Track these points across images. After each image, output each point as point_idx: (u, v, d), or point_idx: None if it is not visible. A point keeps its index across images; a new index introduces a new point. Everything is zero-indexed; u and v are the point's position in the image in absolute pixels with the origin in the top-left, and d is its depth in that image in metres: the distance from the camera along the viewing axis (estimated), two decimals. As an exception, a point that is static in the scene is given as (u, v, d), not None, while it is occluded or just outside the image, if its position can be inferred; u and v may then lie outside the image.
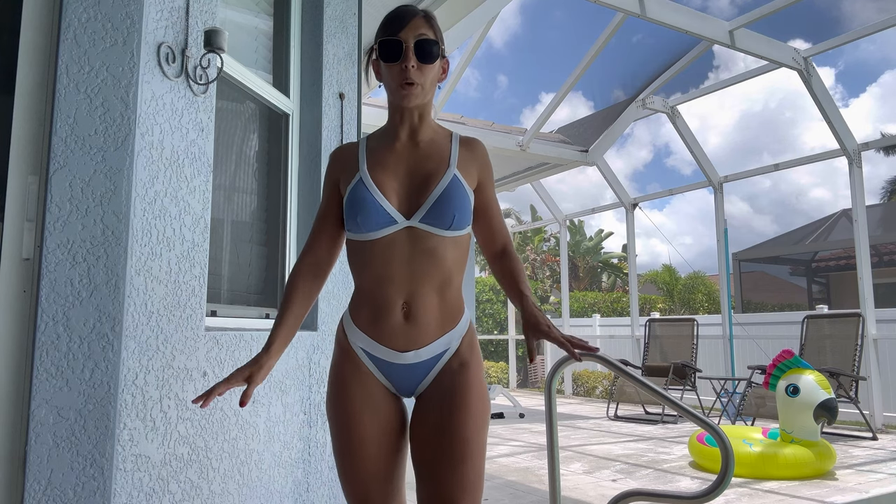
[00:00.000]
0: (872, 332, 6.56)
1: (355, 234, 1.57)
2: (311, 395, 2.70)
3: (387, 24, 1.59)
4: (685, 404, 1.82)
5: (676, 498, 1.84)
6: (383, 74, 1.60)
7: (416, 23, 1.57)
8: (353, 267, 1.61)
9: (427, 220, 1.54)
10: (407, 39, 1.55)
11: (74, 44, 1.88)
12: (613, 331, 10.91)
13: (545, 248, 20.74)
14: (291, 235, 2.86)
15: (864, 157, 6.94)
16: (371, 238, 1.55)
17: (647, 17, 5.64)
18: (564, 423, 7.11)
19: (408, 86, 1.55)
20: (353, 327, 1.59)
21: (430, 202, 1.55)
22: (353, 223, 1.56)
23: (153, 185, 1.94)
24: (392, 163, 1.60)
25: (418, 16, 1.58)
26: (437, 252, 1.55)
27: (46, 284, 1.79)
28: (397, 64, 1.55)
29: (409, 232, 1.54)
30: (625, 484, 4.17)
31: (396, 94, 1.58)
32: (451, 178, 1.58)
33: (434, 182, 1.58)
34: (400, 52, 1.54)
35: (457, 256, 1.58)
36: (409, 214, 1.54)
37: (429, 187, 1.57)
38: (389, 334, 1.55)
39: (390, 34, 1.56)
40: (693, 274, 16.80)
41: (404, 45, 1.55)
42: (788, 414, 4.51)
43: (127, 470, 1.79)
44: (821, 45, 6.64)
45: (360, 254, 1.57)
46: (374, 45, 1.60)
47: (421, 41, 1.55)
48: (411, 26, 1.56)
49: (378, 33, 1.60)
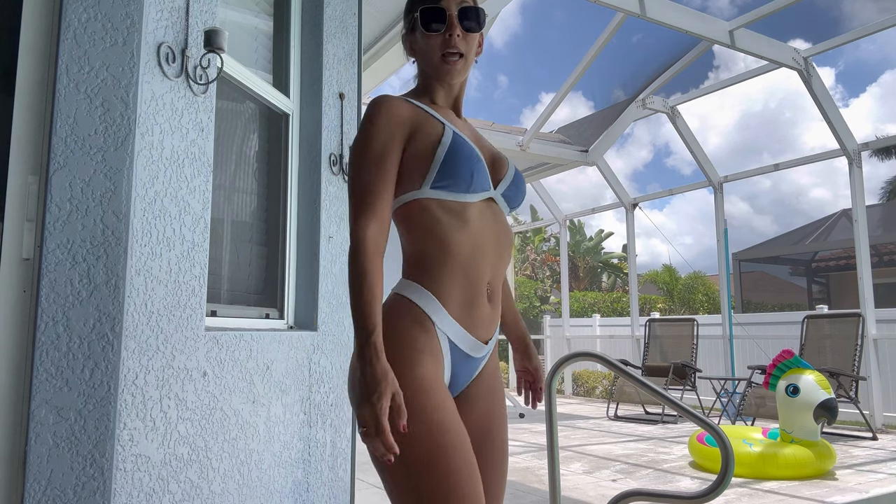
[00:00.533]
0: (872, 332, 6.56)
1: (454, 194, 1.35)
2: (311, 395, 2.70)
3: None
4: (685, 404, 1.82)
5: (676, 498, 1.84)
6: (421, 47, 1.47)
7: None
8: (438, 230, 1.34)
9: (507, 193, 1.46)
10: (450, 7, 1.43)
11: (74, 44, 1.88)
12: (613, 331, 10.91)
13: (545, 248, 20.75)
14: (291, 235, 2.86)
15: (864, 157, 6.94)
16: (472, 200, 1.37)
17: (647, 17, 5.64)
18: (564, 423, 7.11)
19: (452, 57, 1.43)
20: (443, 312, 1.33)
21: (511, 176, 1.47)
22: (460, 179, 1.34)
23: (153, 185, 1.94)
24: (462, 129, 1.48)
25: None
26: (510, 231, 1.47)
27: (46, 284, 1.79)
28: (440, 34, 1.42)
29: (489, 204, 1.42)
30: (625, 484, 4.17)
31: (440, 68, 1.45)
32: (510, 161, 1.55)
33: (504, 158, 1.52)
34: (444, 20, 1.42)
35: None
36: (494, 186, 1.44)
37: (504, 162, 1.50)
38: (479, 321, 1.38)
39: (433, 1, 1.43)
40: (693, 274, 16.82)
41: (448, 14, 1.42)
42: (788, 414, 4.51)
43: (127, 470, 1.79)
44: (821, 45, 6.65)
45: (457, 216, 1.35)
46: (414, 14, 1.47)
47: (465, 8, 1.44)
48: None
49: (414, 3, 1.48)
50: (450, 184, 1.35)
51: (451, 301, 1.34)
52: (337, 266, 2.93)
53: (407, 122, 1.38)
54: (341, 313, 2.95)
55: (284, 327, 2.76)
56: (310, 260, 2.83)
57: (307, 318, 2.80)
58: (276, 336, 2.50)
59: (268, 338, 2.44)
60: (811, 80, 6.73)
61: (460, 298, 1.35)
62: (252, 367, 2.33)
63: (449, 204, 1.35)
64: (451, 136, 1.38)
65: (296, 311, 2.83)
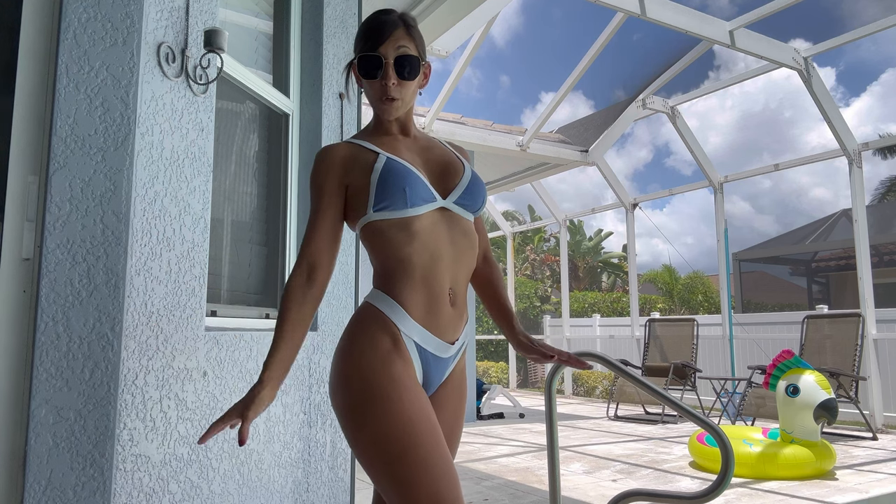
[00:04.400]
0: (872, 333, 6.56)
1: (395, 212, 1.45)
2: (311, 395, 2.70)
3: (366, 36, 1.54)
4: (685, 404, 1.82)
5: (676, 498, 1.85)
6: (364, 86, 1.58)
7: (396, 35, 1.52)
8: (390, 247, 1.46)
9: (461, 201, 1.55)
10: (387, 54, 1.51)
11: (74, 44, 1.88)
12: (613, 331, 10.91)
13: (545, 248, 20.75)
14: (291, 235, 2.86)
15: (864, 157, 6.94)
16: (415, 214, 1.46)
17: (647, 17, 5.64)
18: (564, 423, 7.11)
19: (388, 101, 1.54)
20: (406, 317, 1.44)
21: (465, 184, 1.56)
22: (396, 198, 1.45)
23: (153, 185, 1.94)
24: (403, 150, 1.57)
25: (399, 27, 1.53)
26: (470, 234, 1.57)
27: (46, 284, 1.79)
28: (377, 80, 1.52)
29: (442, 213, 1.51)
30: (625, 484, 4.17)
31: (379, 108, 1.57)
32: (467, 165, 1.62)
33: (458, 165, 1.59)
34: (380, 68, 1.51)
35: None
36: (444, 195, 1.53)
37: (457, 170, 1.58)
38: (443, 324, 1.48)
39: (370, 49, 1.52)
40: (693, 274, 16.81)
41: (384, 62, 1.51)
42: (788, 414, 4.51)
43: (127, 470, 1.79)
44: (821, 45, 6.65)
45: (404, 230, 1.45)
46: (354, 58, 1.57)
47: (401, 57, 1.52)
48: (392, 39, 1.52)
49: (357, 45, 1.57)
50: (389, 204, 1.46)
51: (414, 307, 1.45)
52: (337, 266, 2.93)
53: (339, 162, 1.52)
54: (341, 313, 2.95)
55: (284, 327, 2.75)
56: (310, 260, 2.83)
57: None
58: (276, 336, 2.50)
59: (268, 338, 2.44)
60: (811, 79, 6.73)
61: (423, 304, 1.45)
62: (252, 367, 2.33)
63: (394, 222, 1.46)
64: (383, 161, 1.49)
65: (296, 311, 2.82)
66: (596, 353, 1.95)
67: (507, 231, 12.21)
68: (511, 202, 41.23)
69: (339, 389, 1.41)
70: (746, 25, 6.11)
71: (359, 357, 1.40)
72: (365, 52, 1.53)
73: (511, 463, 4.89)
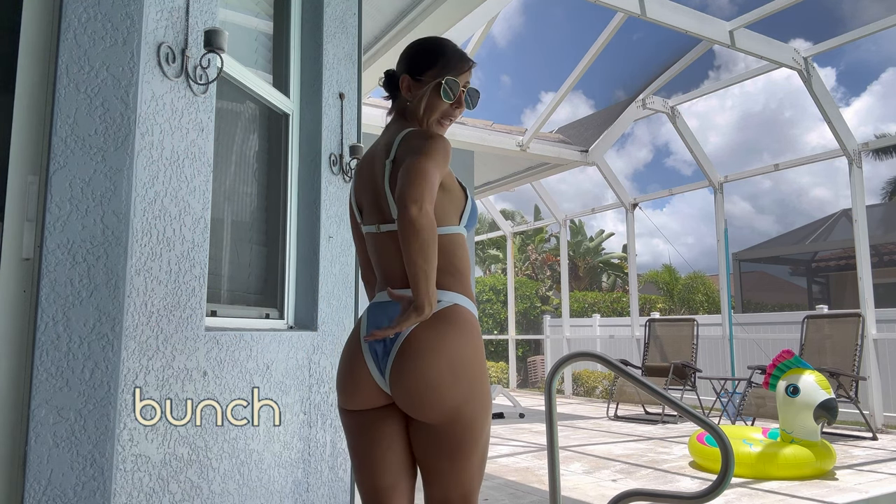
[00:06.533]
0: (872, 333, 6.56)
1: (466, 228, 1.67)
2: (311, 395, 2.70)
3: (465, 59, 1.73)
4: (685, 404, 1.82)
5: (676, 498, 1.85)
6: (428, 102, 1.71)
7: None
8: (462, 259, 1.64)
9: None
10: (465, 85, 1.74)
11: (74, 44, 1.88)
12: (613, 331, 10.90)
13: (546, 248, 20.75)
14: (291, 235, 2.86)
15: (865, 156, 6.94)
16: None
17: (647, 17, 5.64)
18: (564, 423, 7.11)
19: (446, 125, 1.76)
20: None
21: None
22: (472, 218, 1.68)
23: (153, 185, 1.94)
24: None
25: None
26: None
27: (46, 284, 1.79)
28: (452, 106, 1.72)
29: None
30: (625, 484, 4.17)
31: (440, 124, 1.74)
32: None
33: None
34: (460, 97, 1.72)
35: None
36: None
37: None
38: None
39: (463, 82, 1.72)
40: (693, 274, 16.80)
41: (460, 90, 1.72)
42: (788, 414, 4.51)
43: (127, 470, 1.79)
44: (821, 45, 6.64)
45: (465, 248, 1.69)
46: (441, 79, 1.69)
47: (471, 90, 1.76)
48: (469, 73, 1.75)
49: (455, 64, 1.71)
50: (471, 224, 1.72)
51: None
52: (337, 266, 2.93)
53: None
54: (341, 313, 2.95)
55: (284, 327, 2.76)
56: (310, 260, 2.83)
57: (307, 318, 2.80)
58: (276, 336, 2.50)
59: (268, 338, 2.44)
60: (811, 79, 6.72)
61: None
62: (252, 367, 2.33)
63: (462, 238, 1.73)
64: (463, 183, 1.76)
65: (296, 311, 2.83)
66: (596, 353, 1.95)
67: (507, 231, 12.21)
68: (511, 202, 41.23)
69: (479, 384, 1.56)
70: (746, 25, 6.11)
71: (483, 361, 1.61)
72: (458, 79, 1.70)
73: (511, 463, 4.89)
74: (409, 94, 1.72)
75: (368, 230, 1.70)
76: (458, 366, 1.53)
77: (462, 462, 1.56)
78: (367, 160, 1.75)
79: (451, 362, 1.52)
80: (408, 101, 1.72)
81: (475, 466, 1.60)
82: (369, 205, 1.70)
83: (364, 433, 1.62)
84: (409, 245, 1.41)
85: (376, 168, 1.69)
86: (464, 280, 1.62)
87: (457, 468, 1.56)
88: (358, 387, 1.60)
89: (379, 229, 1.66)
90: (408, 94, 1.72)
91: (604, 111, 8.84)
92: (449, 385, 1.50)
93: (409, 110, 1.73)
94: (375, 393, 1.58)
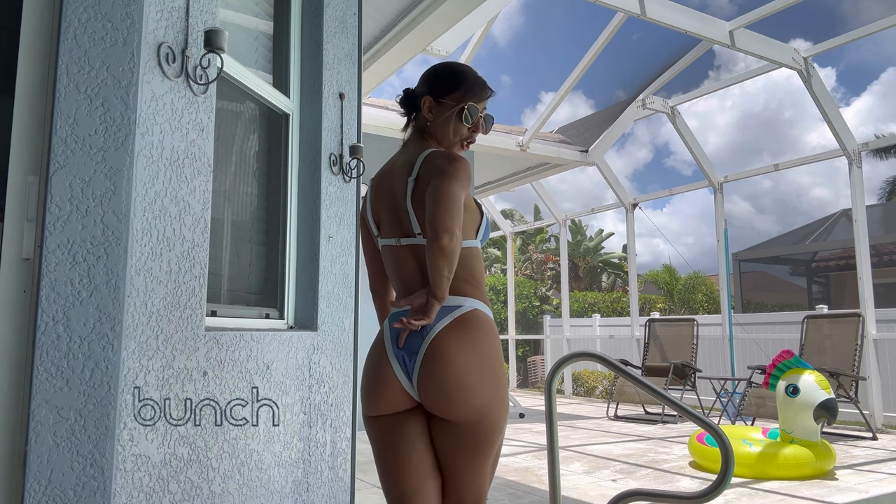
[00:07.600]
0: (872, 333, 6.56)
1: (480, 243, 1.78)
2: (311, 395, 2.70)
3: (482, 89, 1.82)
4: (685, 404, 1.82)
5: (676, 498, 1.85)
6: (452, 126, 1.80)
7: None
8: (479, 269, 1.75)
9: None
10: (482, 111, 1.84)
11: (74, 44, 1.88)
12: (613, 331, 10.91)
13: (546, 248, 20.75)
14: (291, 235, 2.85)
15: (864, 156, 6.94)
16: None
17: (647, 17, 5.64)
18: (564, 423, 7.11)
19: (467, 145, 1.86)
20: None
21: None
22: (486, 233, 1.80)
23: (153, 185, 1.94)
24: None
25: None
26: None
27: (46, 284, 1.79)
28: (469, 130, 1.82)
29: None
30: (625, 484, 4.17)
31: (461, 146, 1.86)
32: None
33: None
34: (478, 122, 1.83)
35: None
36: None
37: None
38: None
39: (482, 108, 1.82)
40: (693, 274, 16.80)
41: (479, 115, 1.82)
42: (788, 414, 4.51)
43: (127, 470, 1.79)
44: (821, 46, 6.64)
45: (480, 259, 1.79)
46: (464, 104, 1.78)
47: (486, 115, 1.87)
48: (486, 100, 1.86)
49: (476, 90, 1.81)
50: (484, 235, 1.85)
51: None
52: (337, 266, 2.93)
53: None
54: (341, 313, 2.95)
55: (284, 327, 2.76)
56: (310, 260, 2.83)
57: (307, 318, 2.80)
58: (276, 336, 2.50)
59: (268, 338, 2.44)
60: (811, 80, 6.72)
61: None
62: (252, 367, 2.33)
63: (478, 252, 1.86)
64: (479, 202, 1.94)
65: (296, 311, 2.83)
66: (596, 353, 1.95)
67: (507, 231, 12.21)
68: (512, 202, 41.21)
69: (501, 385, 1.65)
70: (746, 25, 6.11)
71: (502, 362, 1.70)
72: (480, 105, 1.81)
73: (511, 463, 4.89)
74: (430, 115, 1.80)
75: (387, 243, 1.77)
76: (483, 365, 1.61)
77: (480, 461, 1.62)
78: (385, 175, 1.82)
79: (476, 361, 1.60)
80: (428, 120, 1.80)
81: (490, 467, 1.66)
82: (388, 219, 1.77)
83: (387, 435, 1.69)
84: (437, 263, 1.55)
85: (397, 184, 1.75)
86: (481, 288, 1.72)
87: (474, 468, 1.62)
88: (384, 392, 1.66)
89: (399, 242, 1.74)
90: (429, 115, 1.80)
91: (604, 111, 8.84)
92: (477, 384, 1.58)
93: (429, 130, 1.81)
94: (400, 396, 1.65)
